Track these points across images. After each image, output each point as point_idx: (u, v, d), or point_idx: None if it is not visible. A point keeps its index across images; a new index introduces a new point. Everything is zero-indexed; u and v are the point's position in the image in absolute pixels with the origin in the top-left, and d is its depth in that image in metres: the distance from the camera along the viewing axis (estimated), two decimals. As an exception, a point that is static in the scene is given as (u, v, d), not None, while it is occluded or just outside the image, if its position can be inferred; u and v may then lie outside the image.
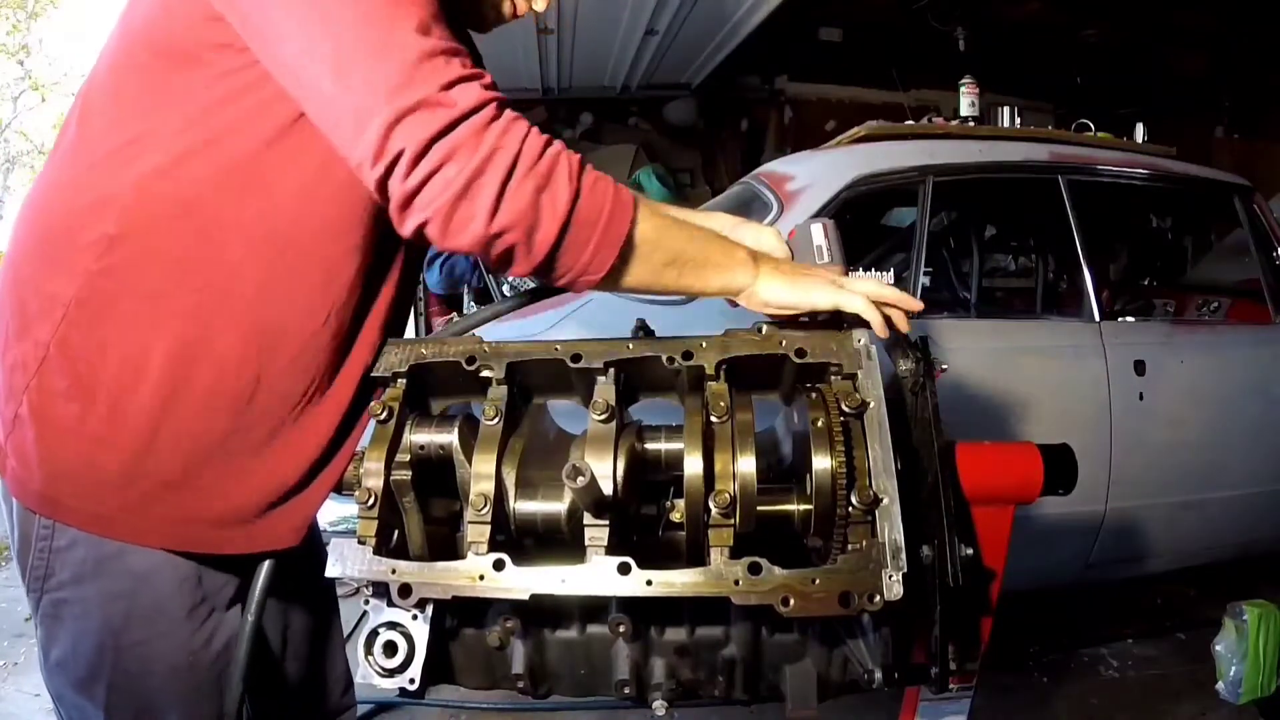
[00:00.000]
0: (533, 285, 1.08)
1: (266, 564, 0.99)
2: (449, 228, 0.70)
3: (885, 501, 0.88)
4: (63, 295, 0.88)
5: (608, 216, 0.72)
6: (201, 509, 0.97)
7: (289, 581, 1.11)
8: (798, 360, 0.98)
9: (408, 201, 0.72)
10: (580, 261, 0.73)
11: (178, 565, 0.96)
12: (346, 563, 0.91)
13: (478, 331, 1.07)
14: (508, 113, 0.71)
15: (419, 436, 0.98)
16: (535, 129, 0.73)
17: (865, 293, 0.93)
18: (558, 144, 0.74)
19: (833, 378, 0.97)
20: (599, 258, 0.73)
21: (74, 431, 0.90)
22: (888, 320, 0.96)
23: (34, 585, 0.96)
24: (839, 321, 0.99)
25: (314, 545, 1.13)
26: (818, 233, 1.07)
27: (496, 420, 0.95)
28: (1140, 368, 2.52)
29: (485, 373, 1.00)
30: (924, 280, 2.64)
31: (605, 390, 0.97)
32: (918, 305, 0.97)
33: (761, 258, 0.92)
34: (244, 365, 0.91)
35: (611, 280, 0.76)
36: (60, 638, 0.96)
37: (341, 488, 1.01)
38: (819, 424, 0.91)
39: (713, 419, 0.93)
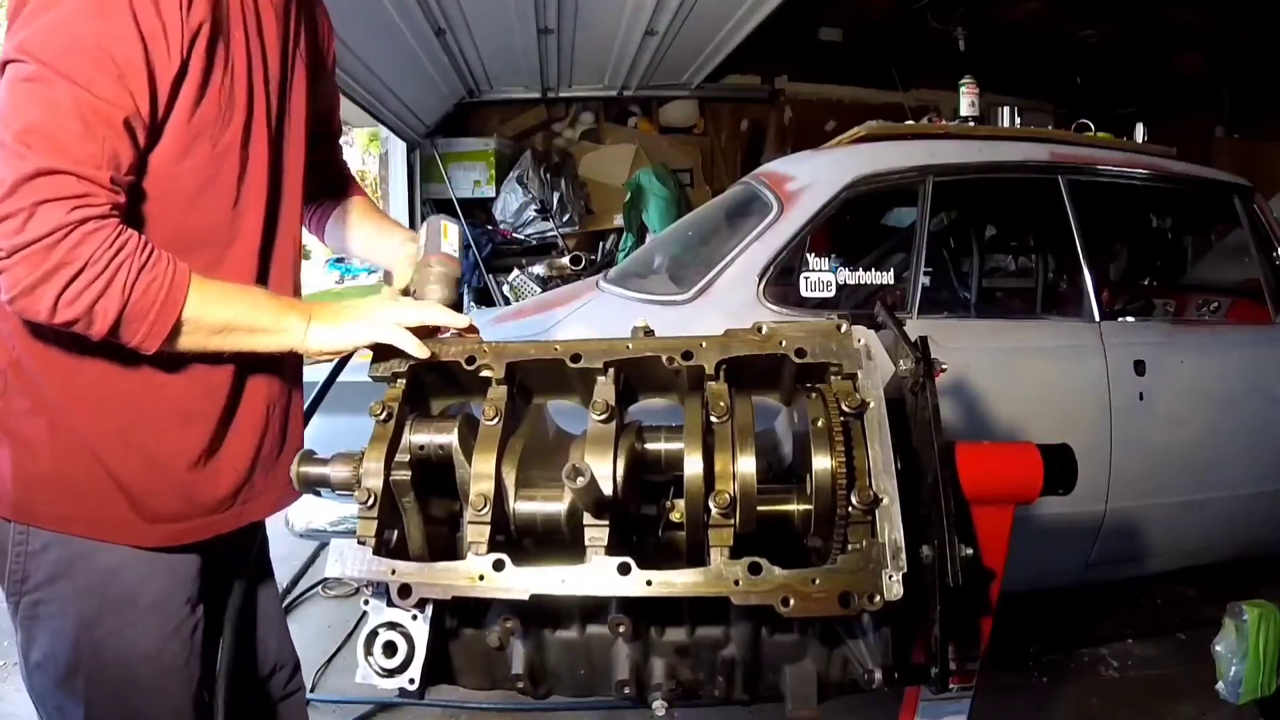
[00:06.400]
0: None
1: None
2: (22, 309, 0.88)
3: (885, 501, 0.88)
4: (5, 324, 0.97)
5: (155, 313, 0.91)
6: (179, 497, 1.03)
7: (234, 570, 1.18)
8: (798, 360, 0.98)
9: None
10: (134, 342, 0.92)
11: (144, 559, 1.02)
12: (346, 563, 0.91)
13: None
14: (85, 230, 0.85)
15: (419, 437, 0.98)
16: (114, 239, 0.87)
17: (401, 320, 1.03)
18: (123, 255, 0.88)
19: (833, 378, 0.97)
20: (148, 341, 0.92)
21: (45, 443, 0.98)
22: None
23: (12, 590, 1.02)
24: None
25: (256, 531, 1.21)
26: (422, 231, 1.22)
27: (496, 420, 0.95)
28: (1140, 368, 2.51)
29: (485, 373, 1.00)
30: (924, 280, 2.63)
31: (605, 390, 0.97)
32: (462, 321, 1.08)
33: (317, 313, 1.03)
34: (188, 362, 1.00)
35: (168, 346, 0.93)
36: (39, 638, 1.02)
37: (341, 487, 1.01)
38: (819, 424, 0.91)
39: (713, 419, 0.93)
